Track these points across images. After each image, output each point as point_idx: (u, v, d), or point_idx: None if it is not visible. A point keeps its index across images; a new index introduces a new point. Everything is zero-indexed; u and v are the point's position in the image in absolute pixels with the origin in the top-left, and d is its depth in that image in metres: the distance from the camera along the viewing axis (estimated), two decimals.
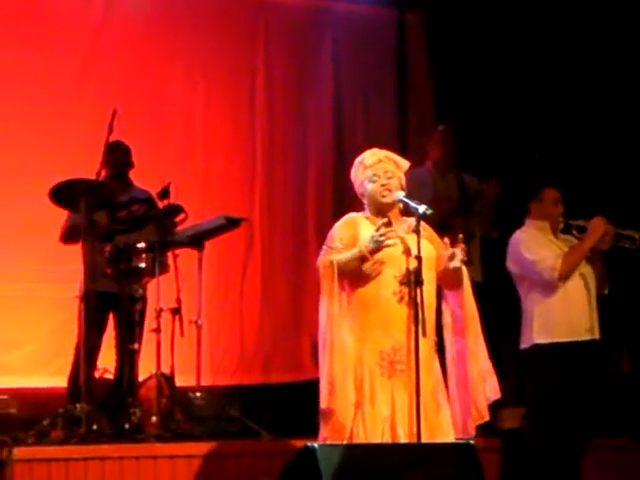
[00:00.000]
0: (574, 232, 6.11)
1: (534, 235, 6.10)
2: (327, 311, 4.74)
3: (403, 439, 4.64)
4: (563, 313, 5.96)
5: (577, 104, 7.51)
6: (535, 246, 6.03)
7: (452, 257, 4.80)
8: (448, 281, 4.93)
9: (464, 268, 4.91)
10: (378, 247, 4.70)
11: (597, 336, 6.02)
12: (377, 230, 4.70)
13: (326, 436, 4.68)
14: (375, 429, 4.66)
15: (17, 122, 7.24)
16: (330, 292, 4.74)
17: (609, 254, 6.08)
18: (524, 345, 6.04)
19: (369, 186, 4.91)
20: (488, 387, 4.91)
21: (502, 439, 6.37)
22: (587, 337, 5.98)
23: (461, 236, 4.86)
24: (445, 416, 4.83)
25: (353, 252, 4.75)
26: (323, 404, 4.67)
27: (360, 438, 4.64)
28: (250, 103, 8.03)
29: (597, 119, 7.44)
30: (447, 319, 4.96)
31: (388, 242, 4.71)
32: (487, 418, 4.91)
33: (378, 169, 4.92)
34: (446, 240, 4.85)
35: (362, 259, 4.73)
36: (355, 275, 4.78)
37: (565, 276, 5.95)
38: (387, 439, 4.65)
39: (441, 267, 4.88)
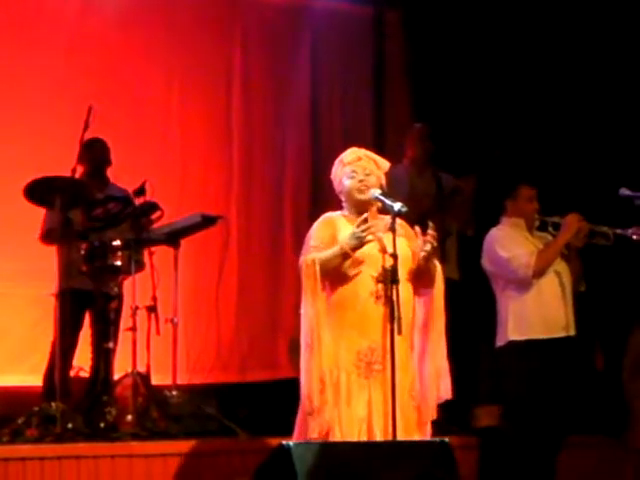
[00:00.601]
0: (550, 229, 6.12)
1: (509, 233, 6.12)
2: (311, 309, 4.72)
3: (380, 439, 4.63)
4: (537, 310, 5.97)
5: (552, 101, 7.52)
6: (510, 244, 6.04)
7: (423, 245, 4.80)
8: (421, 276, 4.92)
9: (439, 267, 4.91)
10: (360, 243, 4.69)
11: (572, 333, 6.04)
12: (358, 226, 4.69)
13: (315, 435, 4.65)
14: (352, 430, 4.66)
15: None
16: (313, 290, 4.72)
17: (586, 251, 6.10)
18: (499, 343, 6.05)
19: (347, 182, 4.91)
20: (442, 386, 4.90)
21: (478, 437, 6.38)
22: (562, 334, 6.00)
23: (432, 224, 4.85)
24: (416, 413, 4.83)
25: (334, 250, 4.74)
26: (315, 402, 4.64)
27: (336, 438, 4.64)
28: (227, 102, 8.02)
29: (572, 116, 7.45)
30: (417, 317, 4.96)
31: (369, 237, 4.70)
32: (435, 417, 4.91)
33: (357, 166, 4.92)
34: (417, 229, 4.84)
35: (344, 256, 4.72)
36: (333, 275, 4.77)
37: (539, 273, 5.96)
38: (364, 440, 4.65)
39: (415, 262, 4.87)
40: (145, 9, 7.77)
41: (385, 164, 5.01)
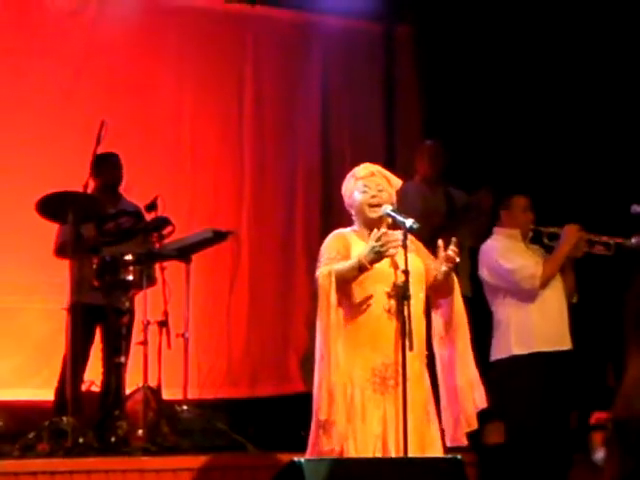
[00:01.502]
0: (545, 240, 6.10)
1: (507, 244, 6.08)
2: (324, 322, 4.70)
3: (394, 456, 4.63)
4: (541, 322, 5.94)
5: (559, 113, 7.52)
6: (512, 255, 6.01)
7: (445, 259, 4.79)
8: (440, 289, 4.92)
9: (455, 278, 4.91)
10: (379, 257, 4.67)
11: (570, 346, 6.01)
12: (377, 240, 4.68)
13: (328, 448, 4.64)
14: (367, 446, 4.64)
15: (5, 132, 7.22)
16: (327, 303, 4.70)
17: (582, 262, 6.08)
18: (499, 355, 5.99)
19: (358, 197, 4.89)
20: (476, 396, 4.90)
21: (480, 454, 6.34)
22: (564, 347, 5.97)
23: (454, 239, 4.84)
24: (435, 430, 4.83)
25: (352, 262, 4.70)
26: (323, 415, 4.63)
27: (351, 455, 4.63)
28: (238, 117, 8.03)
29: (573, 128, 7.46)
30: (438, 328, 4.96)
31: (391, 252, 4.69)
32: (475, 426, 4.90)
33: (369, 181, 4.91)
34: (440, 242, 4.83)
35: (361, 269, 4.70)
36: (348, 291, 4.77)
37: (544, 284, 5.95)
38: (378, 456, 4.64)
39: (431, 277, 4.88)
40: (157, 21, 7.79)
41: (397, 182, 5.01)
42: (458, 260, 4.81)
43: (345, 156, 7.94)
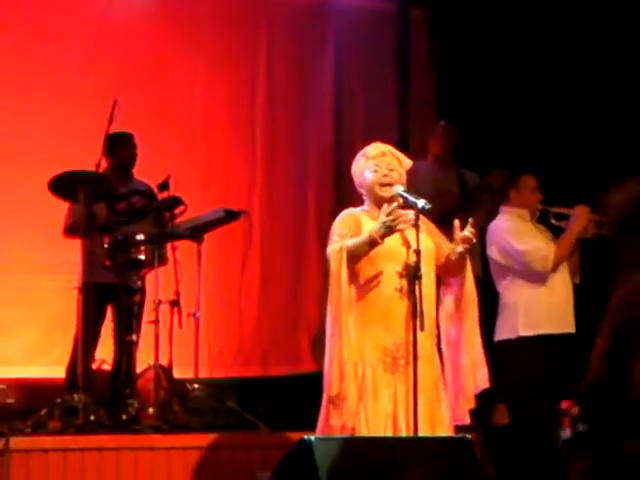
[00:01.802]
0: (552, 220, 6.08)
1: (517, 224, 6.06)
2: (335, 298, 4.70)
3: (405, 434, 4.64)
4: (550, 304, 5.93)
5: (570, 94, 7.50)
6: (524, 236, 5.98)
7: (461, 240, 4.79)
8: (451, 269, 4.92)
9: (466, 255, 4.91)
10: (390, 232, 4.66)
11: (573, 329, 5.99)
12: (387, 215, 4.67)
13: (338, 423, 4.65)
14: (377, 425, 4.65)
15: (19, 112, 7.22)
16: (338, 278, 4.70)
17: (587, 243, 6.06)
18: (505, 336, 5.97)
19: (369, 176, 4.89)
20: (479, 376, 4.90)
21: (487, 435, 6.33)
22: (569, 329, 5.96)
23: (472, 220, 4.83)
24: (445, 409, 4.84)
25: (363, 237, 4.70)
26: (334, 391, 4.63)
27: (363, 433, 4.64)
28: (251, 97, 8.02)
29: (585, 108, 7.43)
30: (448, 306, 4.95)
31: (401, 226, 4.68)
32: (473, 405, 4.90)
33: (381, 161, 4.91)
34: (456, 223, 4.83)
35: (372, 244, 4.69)
36: (358, 271, 4.76)
37: (556, 267, 5.94)
38: (389, 435, 4.65)
39: (442, 256, 4.87)
40: (170, 3, 7.78)
41: (408, 162, 5.00)
42: (475, 241, 4.81)
43: (358, 137, 7.91)
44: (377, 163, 4.90)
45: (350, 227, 4.81)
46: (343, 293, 4.68)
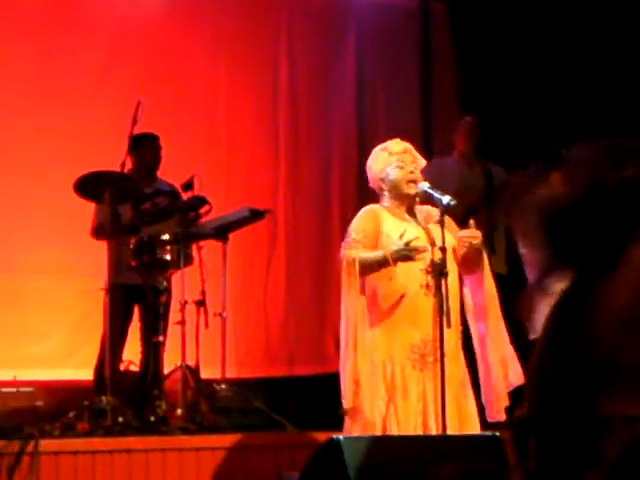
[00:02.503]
0: None
1: None
2: (350, 308, 4.72)
3: (435, 432, 4.62)
4: None
5: (605, 91, 7.43)
6: None
7: (459, 241, 4.79)
8: (468, 264, 4.91)
9: (484, 252, 4.90)
10: (404, 260, 4.67)
11: None
12: (406, 244, 4.64)
13: (356, 435, 4.66)
14: (408, 423, 4.66)
15: (43, 113, 7.25)
16: (353, 289, 4.72)
17: None
18: (535, 335, 5.95)
19: (394, 173, 4.87)
20: (511, 372, 4.88)
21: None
22: None
23: (472, 222, 4.83)
24: (472, 405, 4.83)
25: (377, 255, 4.71)
26: (348, 404, 4.65)
27: (393, 432, 4.63)
28: (274, 94, 8.01)
29: (608, 100, 7.37)
30: (469, 304, 4.94)
31: (416, 257, 4.67)
32: (506, 403, 4.87)
33: (405, 157, 4.90)
34: (471, 222, 4.82)
35: (385, 265, 4.69)
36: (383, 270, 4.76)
37: None
38: (419, 433, 4.64)
39: (460, 252, 4.86)
40: (192, 2, 7.78)
41: (422, 162, 5.02)
42: (476, 242, 4.78)
43: (380, 133, 7.88)
44: (401, 159, 4.89)
45: (366, 230, 4.80)
46: (356, 305, 4.70)
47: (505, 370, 4.87)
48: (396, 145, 4.95)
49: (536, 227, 2.44)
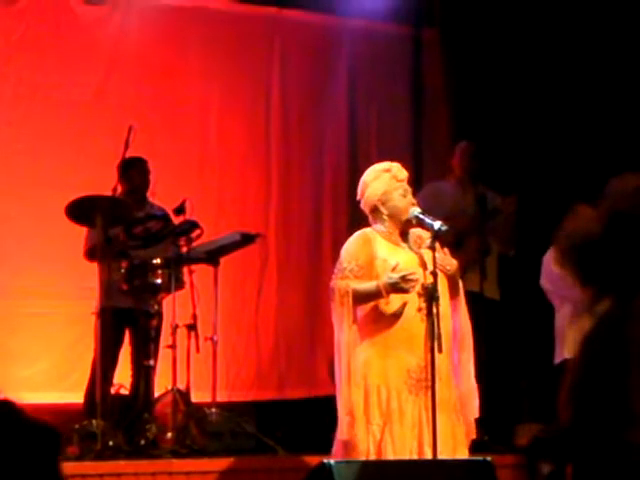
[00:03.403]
0: None
1: None
2: (342, 340, 4.73)
3: (429, 457, 4.62)
4: None
5: (598, 116, 7.47)
6: None
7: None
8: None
9: (459, 281, 4.92)
10: (398, 293, 4.68)
11: None
12: (402, 278, 4.63)
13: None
14: (404, 449, 4.65)
15: (37, 138, 7.25)
16: (346, 321, 4.72)
17: None
18: (558, 360, 6.01)
19: (399, 200, 4.86)
20: (475, 406, 4.91)
21: (520, 456, 6.32)
22: None
23: (438, 255, 4.83)
24: (462, 429, 4.83)
25: (370, 287, 4.71)
26: (343, 436, 4.65)
27: (389, 457, 4.63)
28: (265, 119, 8.04)
29: (614, 134, 7.41)
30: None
31: (410, 291, 4.68)
32: (474, 436, 4.90)
33: (407, 186, 4.92)
34: (446, 250, 4.85)
35: (378, 296, 4.70)
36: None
37: None
38: (415, 458, 4.64)
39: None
40: (184, 25, 7.79)
41: None
42: (450, 269, 4.80)
43: (372, 158, 7.91)
44: (405, 188, 4.90)
45: (359, 258, 4.79)
46: (348, 336, 4.70)
47: (472, 402, 4.90)
48: (400, 172, 4.92)
49: (570, 257, 2.53)
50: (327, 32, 8.22)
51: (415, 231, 4.93)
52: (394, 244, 4.86)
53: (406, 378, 4.71)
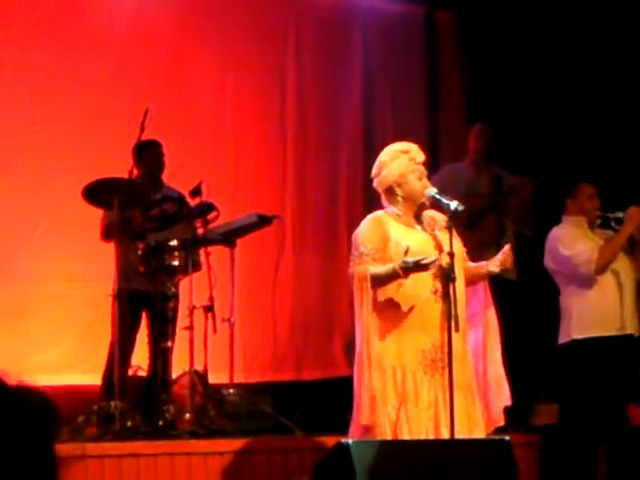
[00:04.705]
0: (613, 225, 6.08)
1: (570, 230, 6.09)
2: (363, 324, 4.73)
3: (446, 437, 4.64)
4: (599, 307, 5.94)
5: (611, 99, 7.45)
6: (571, 241, 6.02)
7: (502, 263, 4.81)
8: (479, 280, 4.95)
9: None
10: (416, 272, 4.67)
11: (631, 331, 5.98)
12: (414, 264, 4.63)
13: None
14: (420, 430, 4.66)
15: (52, 121, 7.27)
16: (365, 305, 4.72)
17: None
18: (562, 340, 6.02)
19: (416, 183, 4.86)
20: (504, 394, 4.93)
21: (538, 435, 6.34)
22: (627, 331, 5.95)
23: (509, 245, 4.87)
24: (479, 409, 4.85)
25: (387, 269, 4.71)
26: (365, 420, 4.66)
27: (405, 437, 4.64)
28: (281, 100, 8.04)
29: (629, 111, 7.39)
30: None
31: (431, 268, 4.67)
32: (502, 423, 4.93)
33: (423, 169, 4.91)
34: (507, 246, 4.85)
35: (396, 277, 4.70)
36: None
37: (602, 268, 5.93)
38: (431, 438, 4.66)
39: (491, 268, 4.88)
40: (199, 9, 7.80)
41: None
42: (509, 266, 4.83)
43: (388, 138, 7.91)
44: (421, 171, 4.89)
45: (374, 240, 4.79)
46: (368, 320, 4.71)
47: (501, 389, 4.91)
48: (418, 154, 4.91)
49: None
50: (341, 14, 8.22)
51: (428, 213, 4.93)
52: (407, 225, 4.86)
53: (421, 359, 4.72)
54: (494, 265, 4.84)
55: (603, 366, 5.88)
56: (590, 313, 5.95)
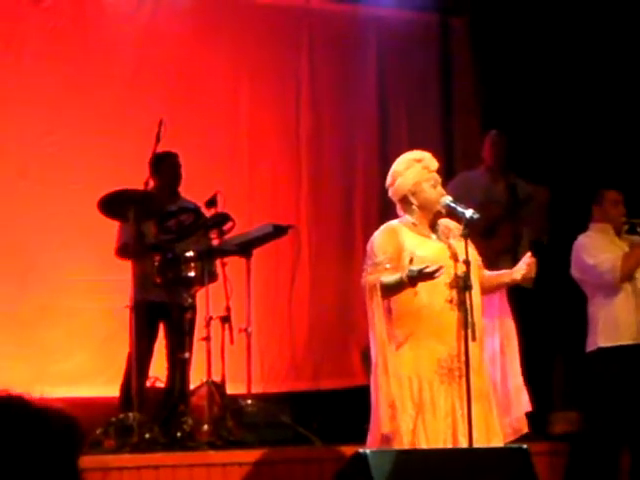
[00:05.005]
0: (639, 230, 6.05)
1: (595, 238, 6.06)
2: (376, 334, 4.74)
3: (464, 446, 4.63)
4: (626, 315, 5.91)
5: (628, 105, 7.42)
6: (595, 250, 5.98)
7: (526, 272, 4.80)
8: (489, 288, 4.95)
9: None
10: (424, 280, 4.67)
11: None
12: (432, 272, 4.62)
13: None
14: (437, 439, 4.65)
15: (68, 132, 7.30)
16: (377, 314, 4.73)
17: None
18: (589, 348, 5.99)
19: (430, 191, 4.85)
20: (523, 401, 4.93)
21: (557, 443, 6.32)
22: (636, 341, 5.93)
23: (529, 254, 4.85)
24: (497, 418, 4.84)
25: (396, 279, 4.71)
26: (385, 428, 4.65)
27: (422, 447, 4.63)
28: (295, 110, 8.05)
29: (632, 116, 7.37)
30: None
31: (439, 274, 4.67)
32: (526, 429, 4.93)
33: (437, 177, 4.91)
34: (529, 255, 4.83)
35: (404, 286, 4.70)
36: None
37: (626, 276, 5.89)
38: (449, 447, 4.65)
39: (515, 277, 4.87)
40: (213, 16, 7.82)
41: None
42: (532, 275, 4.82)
43: (403, 145, 7.90)
44: (436, 179, 4.89)
45: (387, 250, 4.79)
46: (381, 329, 4.71)
47: (521, 398, 4.91)
48: (432, 162, 4.91)
49: None
50: (355, 21, 8.23)
51: (443, 221, 4.92)
52: (422, 235, 4.85)
53: (437, 368, 4.71)
54: (518, 273, 4.82)
55: (629, 374, 5.85)
56: (617, 321, 5.92)
